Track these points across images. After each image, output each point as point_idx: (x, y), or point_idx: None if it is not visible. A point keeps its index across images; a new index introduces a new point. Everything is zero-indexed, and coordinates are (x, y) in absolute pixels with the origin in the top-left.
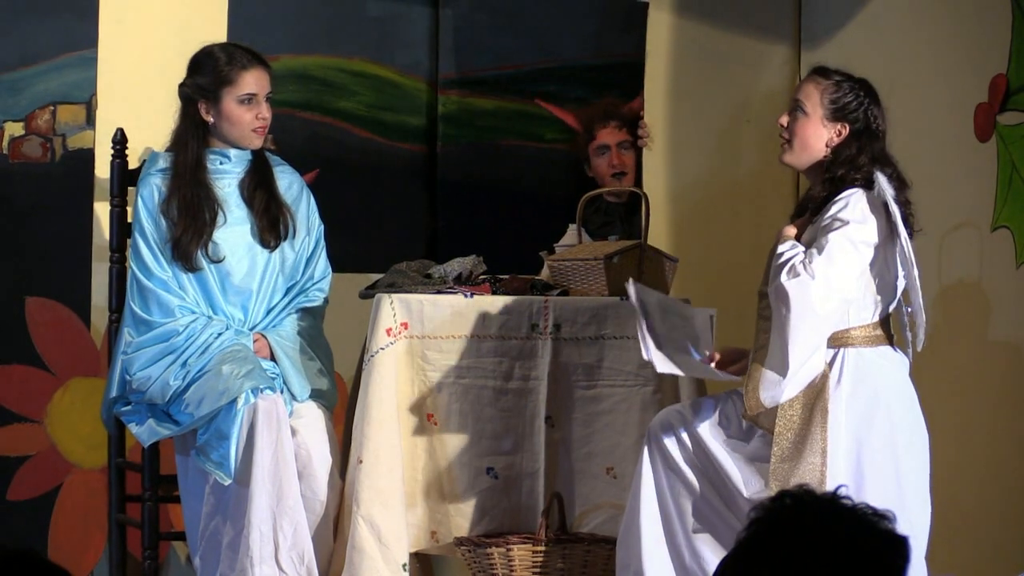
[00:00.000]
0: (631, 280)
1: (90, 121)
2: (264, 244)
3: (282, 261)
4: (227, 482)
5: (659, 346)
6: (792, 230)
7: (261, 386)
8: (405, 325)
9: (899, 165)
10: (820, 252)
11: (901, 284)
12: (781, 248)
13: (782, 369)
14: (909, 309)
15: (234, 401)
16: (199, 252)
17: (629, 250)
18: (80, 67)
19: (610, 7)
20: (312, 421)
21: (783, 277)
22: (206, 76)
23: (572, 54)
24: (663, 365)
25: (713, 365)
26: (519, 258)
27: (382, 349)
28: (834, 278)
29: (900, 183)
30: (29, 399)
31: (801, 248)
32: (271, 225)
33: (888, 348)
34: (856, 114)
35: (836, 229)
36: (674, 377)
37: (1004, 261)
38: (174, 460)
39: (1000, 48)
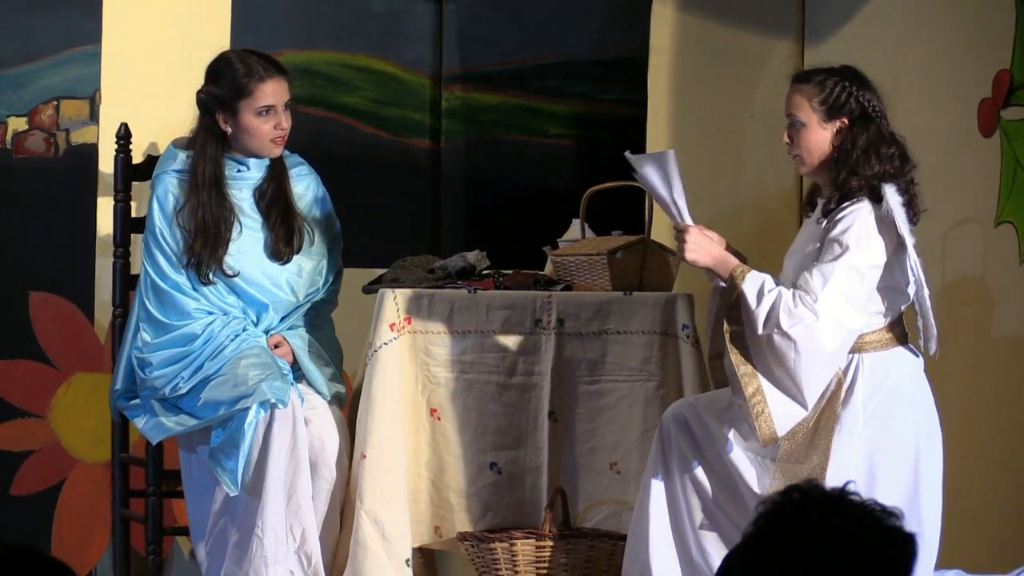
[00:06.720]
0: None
1: (94, 116)
2: (278, 257)
3: (298, 272)
4: (234, 493)
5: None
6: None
7: (272, 400)
8: (408, 320)
9: (904, 142)
10: (824, 284)
11: (912, 288)
12: (749, 290)
13: (802, 406)
14: (920, 318)
15: (247, 411)
16: (213, 268)
17: (633, 245)
18: (84, 62)
19: (614, 3)
20: (325, 411)
21: (784, 323)
22: (223, 87)
23: (576, 50)
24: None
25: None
26: (522, 253)
27: (385, 344)
28: (842, 314)
29: (904, 161)
30: (33, 394)
31: (778, 286)
32: (286, 238)
33: (903, 348)
34: (849, 105)
35: (840, 257)
36: (678, 371)
37: (1008, 257)
38: (178, 455)
39: (1004, 43)
